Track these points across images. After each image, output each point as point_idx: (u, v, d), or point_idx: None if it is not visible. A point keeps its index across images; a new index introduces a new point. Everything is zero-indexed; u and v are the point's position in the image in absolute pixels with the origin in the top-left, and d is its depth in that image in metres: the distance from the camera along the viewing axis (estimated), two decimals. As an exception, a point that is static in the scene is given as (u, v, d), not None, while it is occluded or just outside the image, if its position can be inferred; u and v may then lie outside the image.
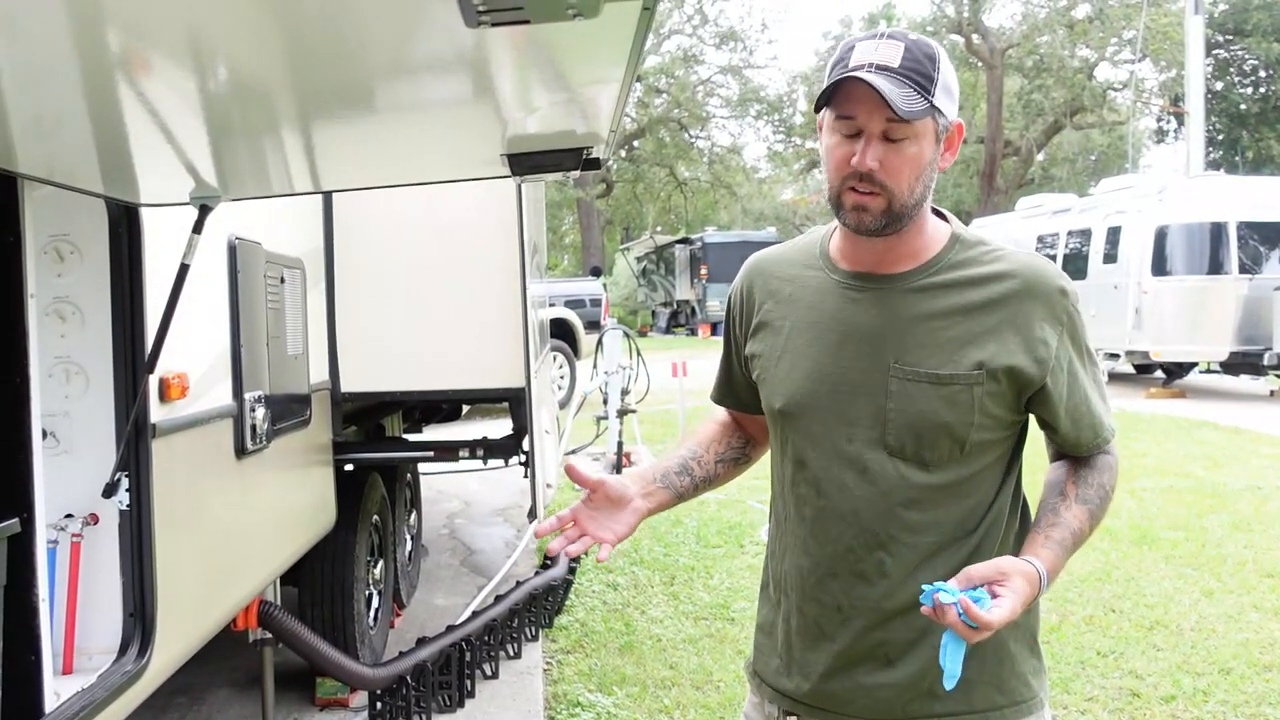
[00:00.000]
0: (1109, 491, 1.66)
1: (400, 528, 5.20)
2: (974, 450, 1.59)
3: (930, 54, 1.52)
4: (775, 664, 1.75)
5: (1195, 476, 8.31)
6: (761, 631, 1.81)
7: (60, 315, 2.52)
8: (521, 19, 1.11)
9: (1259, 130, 31.59)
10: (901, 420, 1.58)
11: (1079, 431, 1.63)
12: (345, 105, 1.70)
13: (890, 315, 1.61)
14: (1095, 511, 1.62)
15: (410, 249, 4.34)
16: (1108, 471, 1.67)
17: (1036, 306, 1.57)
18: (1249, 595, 5.20)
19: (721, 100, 36.61)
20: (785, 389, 1.69)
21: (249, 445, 3.09)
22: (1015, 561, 1.51)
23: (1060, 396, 1.59)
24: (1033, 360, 1.56)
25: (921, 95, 1.49)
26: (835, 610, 1.64)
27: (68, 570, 2.50)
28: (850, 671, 1.65)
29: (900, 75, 1.48)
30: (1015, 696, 1.63)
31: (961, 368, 1.56)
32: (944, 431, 1.57)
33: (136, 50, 1.36)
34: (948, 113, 1.54)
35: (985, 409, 1.57)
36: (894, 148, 1.51)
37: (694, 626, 4.89)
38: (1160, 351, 13.86)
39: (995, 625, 1.42)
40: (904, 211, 1.55)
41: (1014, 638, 1.64)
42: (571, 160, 2.12)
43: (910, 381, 1.58)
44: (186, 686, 4.07)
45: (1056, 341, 1.57)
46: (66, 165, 2.08)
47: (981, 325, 1.57)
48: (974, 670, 1.59)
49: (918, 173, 1.54)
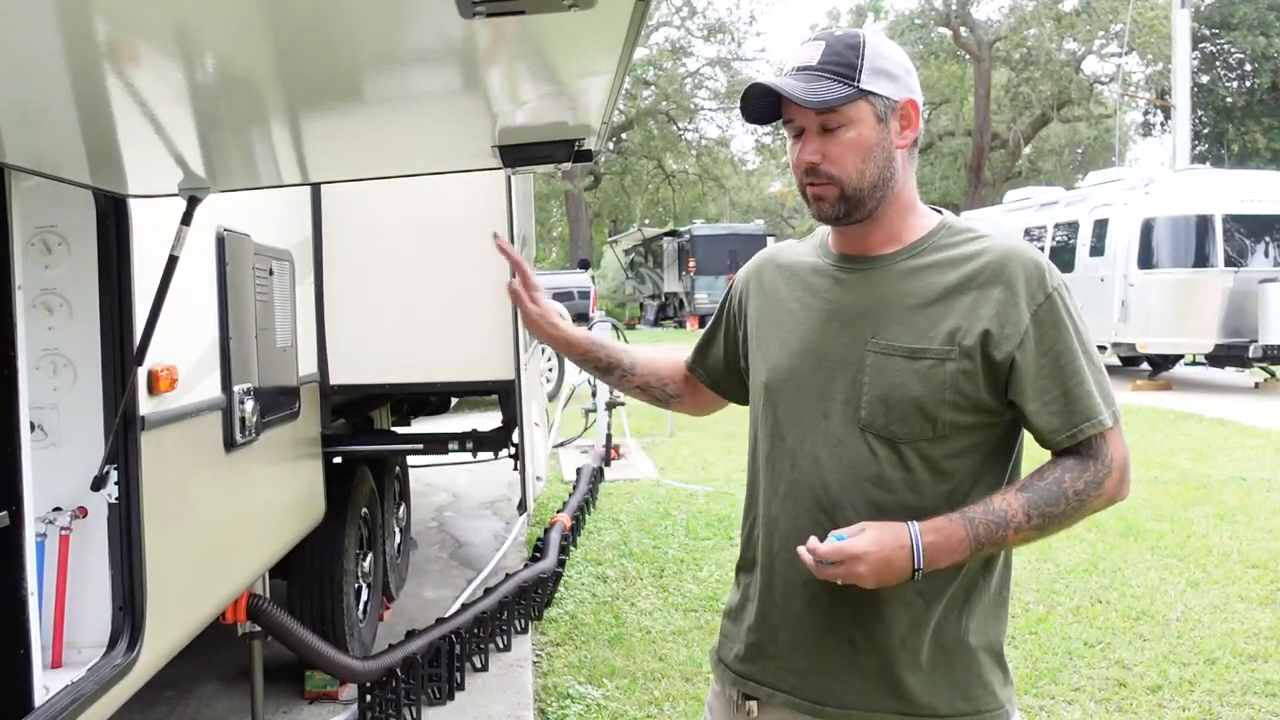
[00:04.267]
0: (1071, 496, 1.56)
1: (389, 520, 5.19)
2: (947, 432, 1.59)
3: (852, 44, 1.60)
4: (738, 649, 1.76)
5: (1181, 468, 8.36)
6: (728, 618, 1.83)
7: (48, 307, 2.50)
8: (517, 9, 1.11)
9: (1245, 124, 31.72)
10: (874, 394, 1.60)
11: (1048, 414, 1.57)
12: (336, 96, 1.68)
13: (872, 294, 1.65)
14: (1044, 510, 1.55)
15: (399, 241, 4.33)
16: (1080, 474, 1.57)
17: (1011, 284, 1.57)
18: (1234, 586, 5.24)
19: (710, 92, 36.61)
20: (771, 364, 1.75)
21: (238, 438, 3.08)
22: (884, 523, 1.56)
23: (1028, 374, 1.56)
24: (1001, 335, 1.56)
25: (841, 83, 1.57)
26: (802, 586, 1.65)
27: (56, 564, 2.49)
28: (813, 653, 1.66)
29: (817, 71, 1.58)
30: (980, 705, 1.63)
31: (934, 342, 1.58)
32: (914, 406, 1.58)
33: (124, 40, 1.35)
34: (885, 92, 1.60)
35: (958, 387, 1.57)
36: (831, 138, 1.60)
37: (683, 619, 4.90)
38: (1146, 344, 13.94)
39: (821, 553, 1.53)
40: (860, 194, 1.61)
41: (981, 647, 1.64)
42: (563, 152, 2.11)
43: (884, 355, 1.61)
44: (175, 680, 4.05)
45: (1029, 318, 1.56)
46: (53, 156, 2.06)
47: (957, 302, 1.59)
48: (941, 676, 1.61)
49: (863, 155, 1.60)
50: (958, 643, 1.63)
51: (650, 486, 7.98)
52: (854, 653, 1.63)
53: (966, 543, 1.54)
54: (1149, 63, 30.84)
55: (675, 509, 7.11)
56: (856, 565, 1.52)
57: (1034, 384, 1.57)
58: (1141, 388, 13.99)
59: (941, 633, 1.62)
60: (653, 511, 7.07)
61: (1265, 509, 6.90)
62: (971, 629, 1.64)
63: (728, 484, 7.89)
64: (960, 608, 1.63)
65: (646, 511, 7.07)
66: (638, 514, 7.01)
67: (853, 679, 1.63)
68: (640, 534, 6.45)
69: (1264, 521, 6.55)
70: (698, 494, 7.64)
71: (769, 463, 1.72)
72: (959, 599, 1.63)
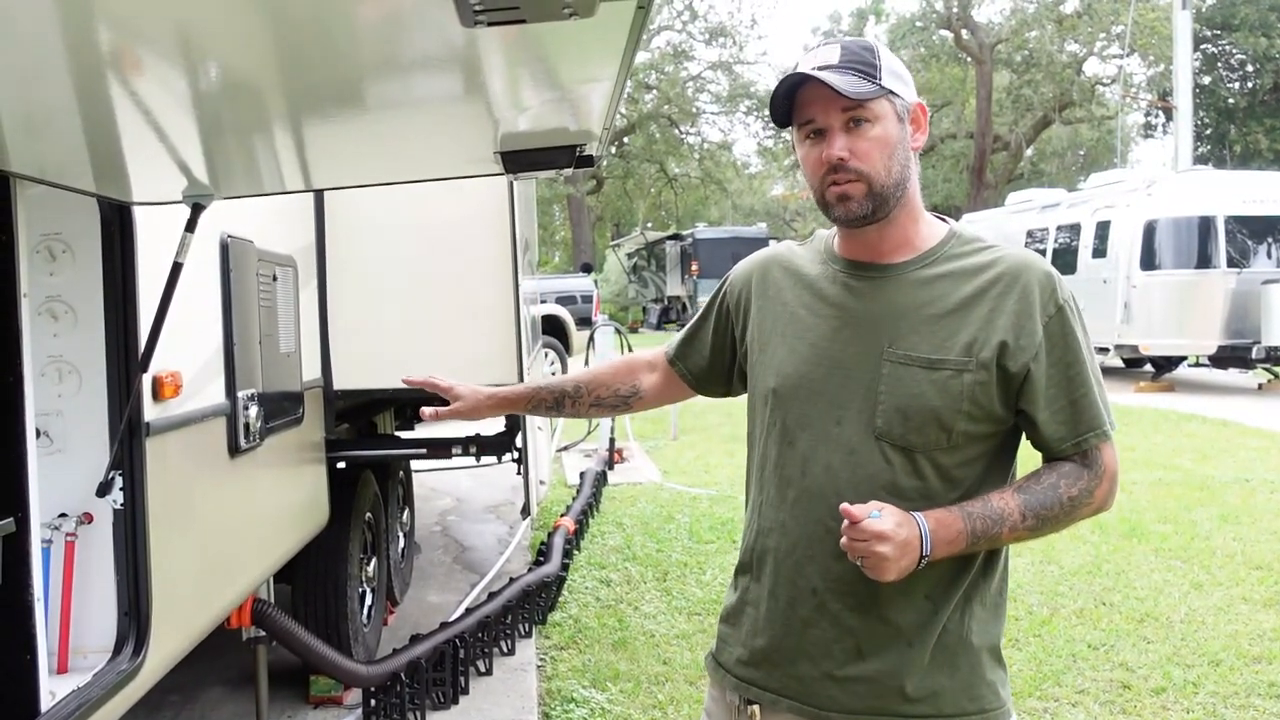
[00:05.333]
0: (1066, 502, 1.60)
1: (393, 525, 5.20)
2: (960, 441, 1.60)
3: (867, 46, 1.63)
4: (739, 652, 1.75)
5: (1184, 469, 8.35)
6: (726, 622, 1.82)
7: (53, 314, 2.51)
8: (517, 18, 1.11)
9: (1246, 124, 31.68)
10: (890, 403, 1.61)
11: (1056, 423, 1.61)
12: (339, 104, 1.69)
13: (887, 302, 1.66)
14: (1039, 512, 1.58)
15: (402, 246, 4.34)
16: (1075, 481, 1.61)
17: (1026, 296, 1.60)
18: (1238, 587, 5.24)
19: (711, 96, 36.62)
20: (780, 370, 1.73)
21: (242, 443, 3.09)
22: (896, 508, 1.55)
23: (1040, 385, 1.60)
24: (1017, 346, 1.58)
25: (867, 79, 1.58)
26: (810, 593, 1.65)
27: (62, 569, 2.49)
28: (819, 660, 1.65)
29: (842, 67, 1.59)
30: (984, 704, 1.64)
31: (952, 353, 1.59)
32: (931, 417, 1.59)
33: (128, 48, 1.35)
34: (902, 94, 1.62)
35: (974, 398, 1.58)
36: (858, 133, 1.60)
37: (687, 622, 4.91)
38: (1149, 345, 13.92)
39: (855, 517, 1.51)
40: (886, 192, 1.61)
41: (984, 646, 1.65)
42: (565, 158, 2.12)
43: (902, 365, 1.61)
44: (180, 685, 4.06)
45: (1043, 330, 1.59)
46: (58, 164, 2.07)
47: (973, 314, 1.60)
48: (945, 676, 1.62)
49: (889, 151, 1.61)
50: (961, 643, 1.63)
51: (653, 490, 7.98)
52: (860, 659, 1.63)
53: (964, 535, 1.56)
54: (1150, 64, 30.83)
55: (678, 512, 7.12)
56: (881, 544, 1.50)
57: (1045, 394, 1.60)
58: (1144, 389, 13.98)
59: (946, 634, 1.63)
60: (656, 515, 7.07)
61: (1269, 510, 6.89)
62: (974, 629, 1.65)
63: (731, 487, 7.89)
64: (963, 608, 1.64)
65: (650, 515, 7.07)
66: (641, 518, 7.01)
67: (858, 686, 1.63)
68: (643, 538, 6.45)
69: (1268, 523, 6.54)
70: (701, 497, 7.64)
71: (777, 469, 1.71)
72: (962, 600, 1.64)
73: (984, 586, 1.66)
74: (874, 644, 1.62)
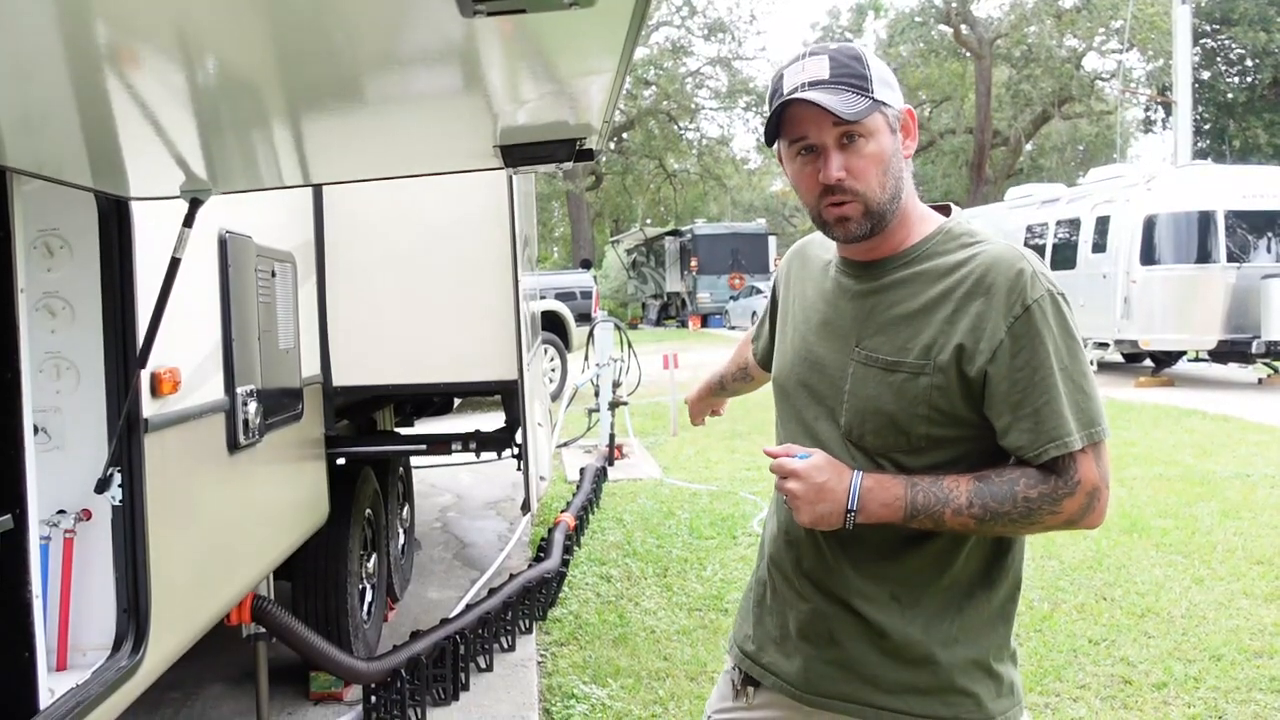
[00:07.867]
0: (1020, 501, 1.51)
1: (393, 521, 5.20)
2: (923, 445, 1.58)
3: (855, 55, 1.59)
4: (745, 630, 1.84)
5: (1184, 464, 8.35)
6: (744, 598, 1.89)
7: (50, 310, 2.50)
8: (517, 8, 1.10)
9: (1246, 119, 31.68)
10: (853, 404, 1.62)
11: (1017, 431, 1.52)
12: (337, 97, 1.68)
13: (861, 302, 1.66)
14: (989, 503, 1.51)
15: (401, 241, 4.33)
16: (1037, 484, 1.51)
17: (990, 296, 1.53)
18: (1239, 582, 5.23)
19: (710, 92, 36.61)
20: (780, 364, 1.81)
21: (241, 440, 3.08)
22: (836, 461, 1.61)
23: (1000, 390, 1.52)
24: (975, 349, 1.52)
25: (860, 94, 1.54)
26: (790, 578, 1.73)
27: (61, 566, 2.49)
28: (799, 642, 1.71)
29: (834, 84, 1.54)
30: (960, 713, 1.62)
31: (910, 355, 1.58)
32: (888, 420, 1.58)
33: (125, 43, 1.35)
34: (892, 102, 1.59)
35: (932, 402, 1.55)
36: (853, 150, 1.56)
37: (687, 618, 4.90)
38: (1149, 340, 13.93)
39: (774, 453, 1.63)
40: (882, 208, 1.59)
41: (970, 657, 1.62)
42: (564, 151, 2.11)
43: (865, 366, 1.62)
44: (180, 682, 4.06)
45: (1005, 331, 1.51)
46: (55, 159, 2.06)
47: (936, 315, 1.57)
48: (917, 678, 1.62)
49: (883, 167, 1.58)
50: (941, 649, 1.61)
51: (654, 486, 7.98)
52: (834, 645, 1.67)
53: (902, 502, 1.54)
54: (1150, 59, 30.85)
55: (679, 508, 7.11)
56: (792, 482, 1.57)
57: (1006, 399, 1.52)
58: (1144, 384, 13.97)
59: (922, 638, 1.61)
60: (656, 511, 7.07)
61: (1269, 505, 6.89)
62: (960, 639, 1.62)
63: (731, 483, 7.89)
64: (953, 617, 1.62)
65: (650, 511, 7.07)
66: (641, 514, 7.01)
67: (834, 671, 1.67)
68: (644, 534, 6.45)
69: (1268, 517, 6.54)
70: (701, 493, 7.64)
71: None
72: (951, 608, 1.62)
73: (981, 597, 1.63)
74: (845, 631, 1.66)
